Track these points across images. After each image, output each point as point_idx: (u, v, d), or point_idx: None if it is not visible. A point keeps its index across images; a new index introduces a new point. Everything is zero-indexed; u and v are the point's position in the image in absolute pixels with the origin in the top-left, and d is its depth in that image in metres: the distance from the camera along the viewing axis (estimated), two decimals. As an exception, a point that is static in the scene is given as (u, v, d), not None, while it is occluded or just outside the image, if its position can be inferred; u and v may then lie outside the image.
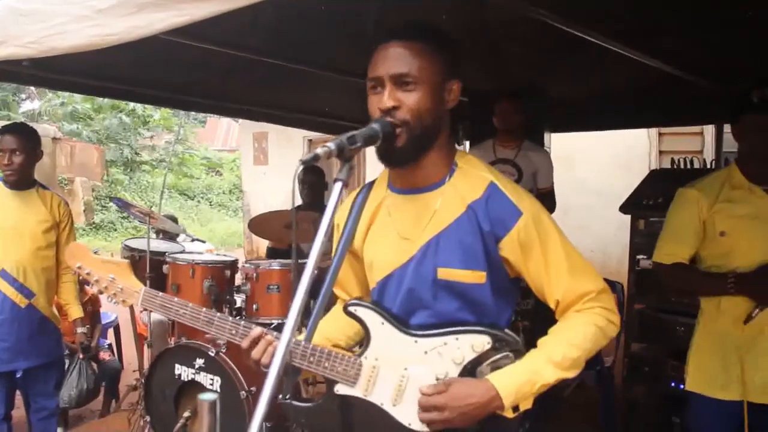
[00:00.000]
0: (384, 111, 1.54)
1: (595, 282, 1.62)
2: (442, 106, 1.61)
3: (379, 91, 1.56)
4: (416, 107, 1.54)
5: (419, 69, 1.54)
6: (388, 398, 1.62)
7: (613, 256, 7.02)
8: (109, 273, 1.88)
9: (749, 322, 2.43)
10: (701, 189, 2.56)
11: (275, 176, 11.67)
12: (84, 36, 1.92)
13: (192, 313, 1.76)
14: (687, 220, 2.56)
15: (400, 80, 1.54)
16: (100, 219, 16.48)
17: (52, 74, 3.98)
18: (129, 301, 1.87)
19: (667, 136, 7.82)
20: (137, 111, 18.92)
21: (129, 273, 1.88)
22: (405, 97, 1.54)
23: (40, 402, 3.69)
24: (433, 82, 1.56)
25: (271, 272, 3.77)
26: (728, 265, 2.48)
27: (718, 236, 2.49)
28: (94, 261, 1.91)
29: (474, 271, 1.59)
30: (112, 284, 1.87)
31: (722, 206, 2.50)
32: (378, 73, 1.56)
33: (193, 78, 4.32)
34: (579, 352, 1.57)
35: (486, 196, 1.59)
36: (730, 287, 2.44)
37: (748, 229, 2.45)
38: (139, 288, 1.86)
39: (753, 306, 2.43)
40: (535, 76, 4.30)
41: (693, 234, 2.55)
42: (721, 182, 2.55)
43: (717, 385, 2.51)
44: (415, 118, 1.54)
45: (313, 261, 1.23)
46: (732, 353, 2.47)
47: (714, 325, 2.55)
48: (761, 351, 2.44)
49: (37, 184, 3.62)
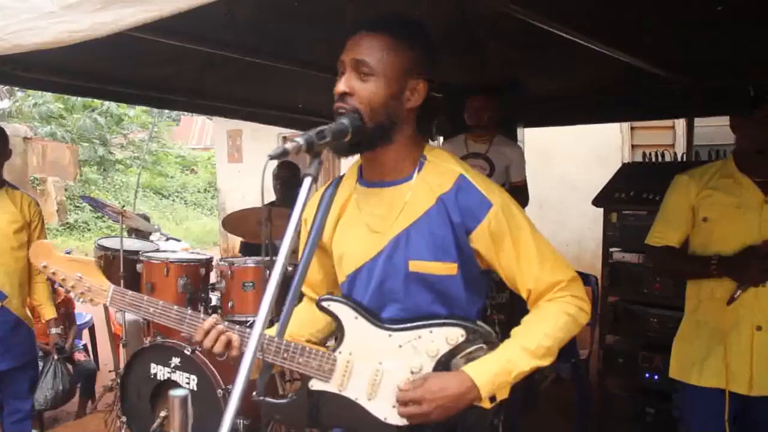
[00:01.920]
0: (337, 95, 1.54)
1: (565, 271, 1.64)
2: (400, 104, 1.59)
3: (340, 76, 1.57)
4: (368, 98, 1.53)
5: (379, 60, 1.54)
6: (363, 393, 1.62)
7: (588, 249, 7.09)
8: (76, 272, 1.83)
9: (731, 304, 2.46)
10: (693, 175, 2.61)
11: (250, 174, 11.61)
12: (51, 33, 1.88)
13: (162, 312, 1.74)
14: (677, 204, 2.62)
15: (359, 68, 1.54)
16: (73, 219, 16.27)
17: (21, 72, 3.93)
18: (97, 300, 1.82)
19: (639, 131, 7.91)
20: (111, 110, 18.68)
21: (97, 271, 1.83)
22: (360, 86, 1.54)
23: (14, 404, 3.65)
24: (393, 77, 1.55)
25: (246, 270, 3.75)
26: (710, 250, 2.52)
27: (701, 222, 2.55)
28: (60, 260, 1.86)
29: (445, 263, 1.59)
30: (79, 283, 1.82)
31: (708, 192, 2.54)
32: (343, 56, 1.57)
33: (166, 75, 4.28)
34: (552, 340, 1.59)
35: (456, 188, 1.60)
36: (713, 269, 2.47)
37: (730, 217, 2.49)
38: (107, 287, 1.82)
39: (734, 287, 2.46)
40: (510, 72, 4.32)
41: (682, 219, 2.60)
42: (714, 171, 2.60)
43: (695, 371, 2.54)
44: (366, 109, 1.53)
45: (283, 257, 1.23)
46: (712, 339, 2.50)
47: (696, 312, 2.59)
48: (738, 340, 2.45)
49: (7, 184, 3.57)
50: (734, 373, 2.46)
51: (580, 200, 6.82)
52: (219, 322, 1.64)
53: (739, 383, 2.45)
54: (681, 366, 2.62)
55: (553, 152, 7.68)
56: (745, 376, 2.44)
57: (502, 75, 4.27)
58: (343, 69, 1.57)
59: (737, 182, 2.52)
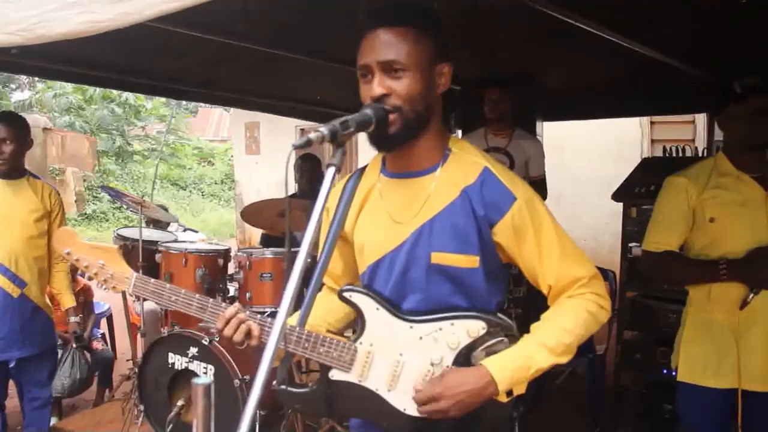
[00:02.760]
0: (375, 99, 1.53)
1: (586, 268, 1.63)
2: (434, 90, 1.59)
3: (369, 79, 1.55)
4: (407, 93, 1.53)
5: (407, 55, 1.52)
6: (383, 384, 1.62)
7: (605, 244, 7.05)
8: (98, 259, 1.82)
9: (745, 308, 2.43)
10: (690, 177, 2.56)
11: (267, 166, 11.66)
12: (73, 23, 1.89)
13: (184, 300, 1.73)
14: (676, 208, 2.56)
15: (389, 67, 1.52)
16: (91, 209, 16.42)
17: (42, 63, 3.97)
18: (120, 288, 1.82)
19: (659, 125, 7.85)
20: (129, 101, 18.80)
21: (119, 259, 1.82)
22: (395, 84, 1.53)
23: (34, 392, 3.69)
24: (423, 67, 1.54)
25: (264, 261, 3.76)
26: (716, 251, 2.49)
27: (707, 223, 2.49)
28: (83, 247, 1.85)
29: (468, 256, 1.58)
30: (102, 270, 1.82)
31: (711, 193, 2.50)
32: (366, 60, 1.55)
33: (183, 66, 4.30)
34: (572, 337, 1.58)
35: (480, 181, 1.59)
36: (722, 274, 2.43)
37: (736, 215, 2.46)
38: (130, 274, 1.81)
39: (747, 291, 2.43)
40: (527, 65, 4.30)
41: (682, 222, 2.54)
42: (709, 170, 2.55)
43: (709, 374, 2.50)
44: (407, 104, 1.53)
45: (307, 247, 1.23)
46: (726, 341, 2.47)
47: (704, 314, 2.54)
48: (756, 339, 2.44)
49: (28, 174, 3.60)
50: (750, 371, 2.44)
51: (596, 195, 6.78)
52: (241, 310, 1.64)
53: (755, 381, 2.43)
54: (691, 369, 2.57)
55: (569, 146, 7.63)
56: (761, 374, 2.43)
57: (516, 68, 4.25)
58: (370, 72, 1.54)
59: (738, 179, 2.49)
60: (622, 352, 4.01)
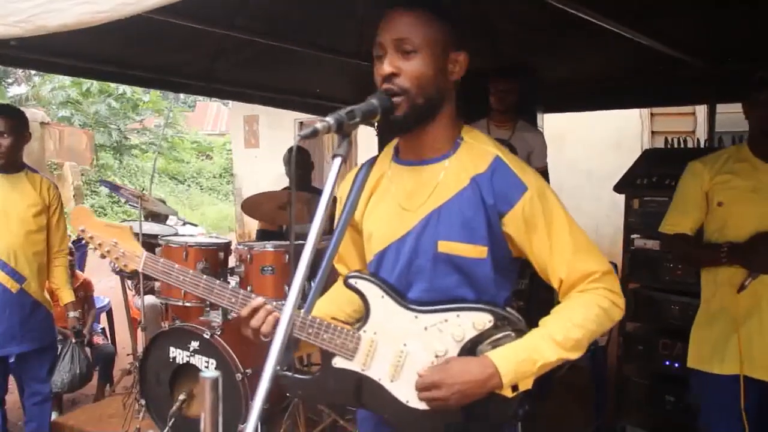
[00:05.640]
0: (384, 77, 1.51)
1: (599, 263, 1.59)
2: (446, 77, 1.58)
3: (382, 58, 1.54)
4: (417, 75, 1.51)
5: (421, 35, 1.51)
6: (386, 374, 1.60)
7: (606, 236, 7.01)
8: (112, 237, 1.87)
9: (742, 291, 2.45)
10: (706, 162, 2.61)
11: (266, 159, 11.61)
12: (73, 14, 1.87)
13: (192, 280, 1.75)
14: (690, 192, 2.61)
15: (401, 46, 1.51)
16: (90, 204, 16.36)
17: (40, 56, 3.94)
18: (131, 266, 1.85)
19: (660, 117, 7.81)
20: (126, 95, 18.74)
21: (131, 237, 1.88)
22: (405, 64, 1.51)
23: (34, 387, 3.68)
24: (436, 51, 1.53)
25: (265, 254, 3.74)
26: (724, 236, 2.51)
27: (716, 207, 2.53)
28: (98, 224, 1.90)
29: (475, 246, 1.56)
30: (114, 248, 1.86)
31: (723, 177, 2.53)
32: (380, 38, 1.54)
33: (182, 59, 4.28)
34: (582, 332, 1.54)
35: (491, 170, 1.57)
36: (722, 257, 2.46)
37: (745, 201, 2.47)
38: (140, 253, 1.85)
39: (746, 275, 2.44)
40: (528, 56, 4.28)
41: (695, 206, 2.59)
42: (728, 156, 2.59)
43: (715, 360, 2.52)
44: (415, 86, 1.51)
45: (315, 236, 1.21)
46: (729, 326, 2.49)
47: (713, 299, 2.58)
48: (756, 325, 2.45)
49: (26, 168, 3.58)
50: (754, 359, 2.45)
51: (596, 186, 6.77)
52: (267, 302, 1.63)
53: (760, 368, 2.44)
54: (699, 355, 2.60)
55: (570, 138, 7.61)
56: (765, 361, 2.43)
57: (517, 59, 4.22)
58: (383, 51, 1.53)
59: (753, 166, 2.51)
60: (624, 344, 4.00)
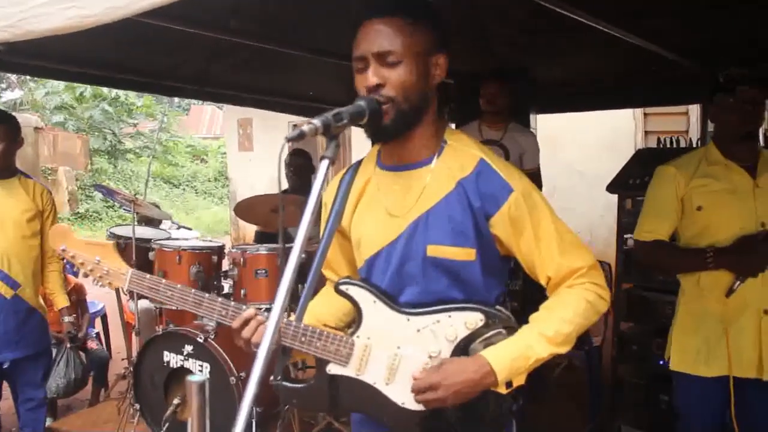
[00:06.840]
0: (369, 89, 1.52)
1: (585, 258, 1.62)
2: (429, 81, 1.58)
3: (364, 70, 1.54)
4: (401, 83, 1.52)
5: (402, 45, 1.51)
6: (381, 377, 1.61)
7: (600, 237, 7.05)
8: (94, 255, 1.81)
9: (731, 295, 2.45)
10: (678, 166, 2.58)
11: (261, 162, 11.62)
12: (61, 18, 1.86)
13: (180, 295, 1.72)
14: (665, 197, 2.58)
15: (384, 58, 1.51)
16: (84, 209, 16.33)
17: (30, 60, 3.92)
18: (115, 284, 1.81)
19: (653, 117, 7.85)
20: (120, 99, 18.71)
21: (115, 255, 1.82)
22: (389, 73, 1.52)
23: (28, 392, 3.66)
24: (418, 57, 1.54)
25: (258, 257, 3.74)
26: (705, 240, 2.50)
27: (695, 211, 2.51)
28: (79, 243, 1.84)
29: (464, 248, 1.57)
30: (97, 267, 1.81)
31: (699, 182, 2.52)
32: (361, 51, 1.54)
33: (175, 62, 4.27)
34: (570, 327, 1.57)
35: (476, 173, 1.58)
36: (709, 261, 2.45)
37: (724, 203, 2.47)
38: (125, 270, 1.80)
39: (734, 279, 2.44)
40: (521, 58, 4.28)
41: (672, 211, 2.56)
42: (699, 159, 2.57)
43: (700, 362, 2.52)
44: (401, 94, 1.52)
45: (301, 242, 1.21)
46: (716, 329, 2.49)
47: (695, 303, 2.57)
48: (745, 325, 2.45)
49: (20, 173, 3.57)
50: (741, 359, 2.45)
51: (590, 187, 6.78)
52: (258, 312, 1.63)
53: (747, 368, 2.45)
54: (683, 358, 2.59)
55: (563, 139, 7.63)
56: (754, 361, 2.44)
57: (511, 61, 4.23)
58: (364, 64, 1.54)
59: (726, 168, 2.51)
60: (619, 344, 4.01)
